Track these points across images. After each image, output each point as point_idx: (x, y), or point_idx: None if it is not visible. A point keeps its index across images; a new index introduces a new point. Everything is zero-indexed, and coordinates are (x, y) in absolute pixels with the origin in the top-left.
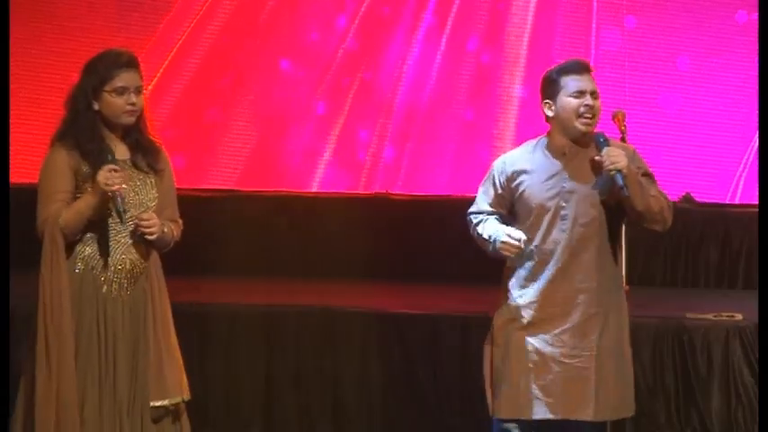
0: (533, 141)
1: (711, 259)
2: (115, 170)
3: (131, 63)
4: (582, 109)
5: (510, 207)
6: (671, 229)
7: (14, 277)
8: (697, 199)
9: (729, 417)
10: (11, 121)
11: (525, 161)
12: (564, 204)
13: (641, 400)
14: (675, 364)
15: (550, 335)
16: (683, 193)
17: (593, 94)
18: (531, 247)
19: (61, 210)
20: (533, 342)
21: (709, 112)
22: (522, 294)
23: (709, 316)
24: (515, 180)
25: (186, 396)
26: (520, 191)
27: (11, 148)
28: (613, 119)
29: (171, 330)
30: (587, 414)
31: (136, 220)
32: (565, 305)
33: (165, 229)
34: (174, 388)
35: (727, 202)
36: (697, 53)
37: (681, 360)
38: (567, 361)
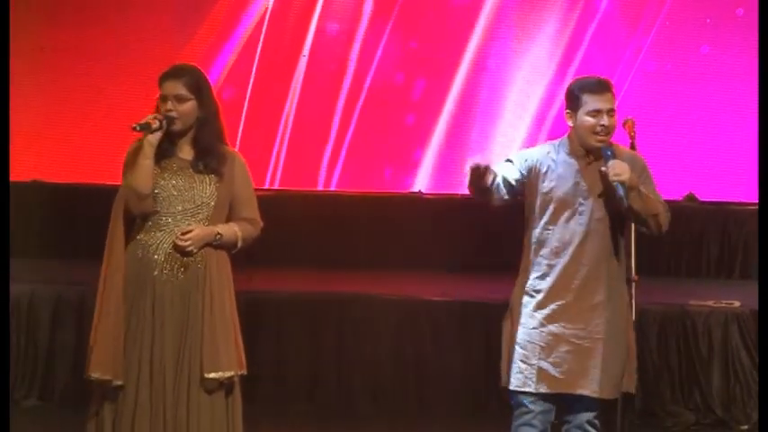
0: (555, 142)
1: (712, 252)
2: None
3: (172, 74)
4: (597, 128)
5: (514, 192)
6: (675, 225)
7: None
8: (699, 197)
9: (728, 394)
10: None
11: (549, 160)
12: (582, 201)
13: (648, 380)
14: (679, 346)
15: (563, 317)
16: (687, 193)
17: (610, 113)
18: (551, 237)
19: None
20: (546, 323)
21: (712, 114)
22: (539, 280)
23: (710, 303)
24: (537, 176)
25: (242, 371)
26: (542, 187)
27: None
28: (624, 126)
29: (227, 310)
30: (593, 390)
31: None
32: (577, 291)
33: (224, 237)
34: (229, 362)
35: (726, 200)
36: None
37: (684, 343)
38: (576, 341)
